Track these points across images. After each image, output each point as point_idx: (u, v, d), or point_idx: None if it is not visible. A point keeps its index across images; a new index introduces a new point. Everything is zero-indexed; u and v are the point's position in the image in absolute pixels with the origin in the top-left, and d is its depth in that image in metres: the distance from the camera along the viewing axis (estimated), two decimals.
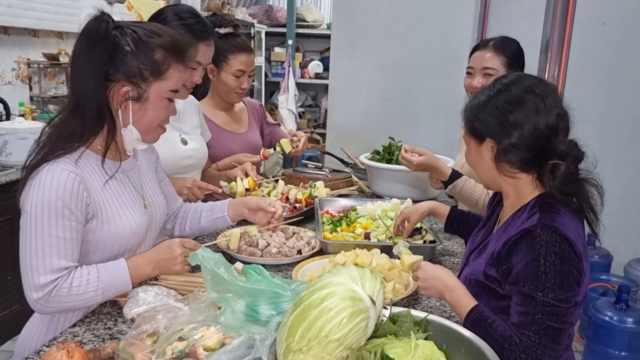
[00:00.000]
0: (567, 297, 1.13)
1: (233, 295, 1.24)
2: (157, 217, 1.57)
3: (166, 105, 1.41)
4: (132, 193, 1.47)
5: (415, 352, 0.97)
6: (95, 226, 1.35)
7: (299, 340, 0.93)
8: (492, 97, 1.28)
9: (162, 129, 1.46)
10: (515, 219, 1.27)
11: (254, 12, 6.53)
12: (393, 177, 2.59)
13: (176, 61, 1.38)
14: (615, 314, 2.92)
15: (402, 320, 1.12)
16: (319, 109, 6.88)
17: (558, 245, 1.13)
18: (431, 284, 1.32)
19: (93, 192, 1.34)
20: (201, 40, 1.87)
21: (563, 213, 1.20)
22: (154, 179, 1.63)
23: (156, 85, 1.36)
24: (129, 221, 1.41)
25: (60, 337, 1.30)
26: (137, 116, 1.36)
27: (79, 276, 1.30)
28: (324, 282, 0.98)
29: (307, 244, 1.91)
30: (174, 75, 1.38)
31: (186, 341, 1.15)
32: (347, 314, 0.94)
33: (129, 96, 1.34)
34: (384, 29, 3.68)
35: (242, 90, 2.39)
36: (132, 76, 1.33)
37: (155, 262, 1.43)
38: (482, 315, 1.21)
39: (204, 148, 2.11)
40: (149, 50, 1.34)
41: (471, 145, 1.34)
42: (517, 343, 1.13)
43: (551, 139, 1.21)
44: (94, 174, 1.36)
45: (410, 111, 3.73)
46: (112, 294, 1.37)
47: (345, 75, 3.82)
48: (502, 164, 1.27)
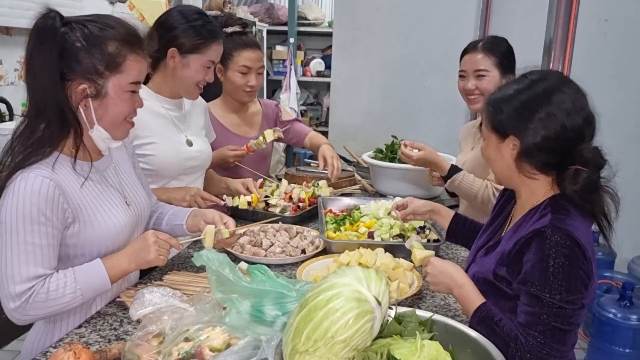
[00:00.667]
0: (573, 299, 1.13)
1: (238, 295, 1.25)
2: (142, 214, 1.55)
3: (129, 99, 1.36)
4: (111, 192, 1.44)
5: (421, 353, 0.97)
6: (78, 230, 1.33)
7: (305, 342, 0.94)
8: (519, 91, 1.24)
9: (129, 123, 1.42)
10: (527, 220, 1.26)
11: (255, 11, 6.51)
12: (396, 176, 2.60)
13: (132, 52, 1.34)
14: (619, 311, 2.92)
15: (408, 321, 1.12)
16: (320, 107, 6.87)
17: (568, 248, 1.12)
18: (440, 280, 1.31)
19: (70, 196, 1.31)
20: (214, 40, 1.87)
21: (574, 215, 1.19)
22: (133, 175, 1.59)
23: (114, 79, 1.32)
24: (112, 220, 1.39)
25: (67, 338, 1.30)
26: (100, 113, 1.33)
27: (55, 280, 1.28)
28: (329, 283, 0.99)
29: (311, 244, 1.91)
30: (132, 66, 1.34)
31: (192, 342, 1.16)
32: (353, 315, 0.94)
33: (87, 93, 1.30)
34: (385, 27, 3.67)
35: (250, 88, 2.35)
36: (87, 73, 1.29)
37: (129, 255, 1.39)
38: (489, 313, 1.21)
39: (209, 149, 2.11)
40: (101, 43, 1.29)
41: (491, 139, 1.30)
42: (523, 342, 1.13)
43: (577, 144, 1.19)
44: (70, 177, 1.33)
45: (412, 109, 3.72)
46: (92, 294, 1.35)
47: (347, 74, 3.82)
48: (524, 164, 1.24)
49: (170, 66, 1.87)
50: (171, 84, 1.92)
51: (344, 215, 2.18)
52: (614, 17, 3.35)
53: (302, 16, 6.47)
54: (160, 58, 1.88)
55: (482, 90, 2.02)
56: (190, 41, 1.84)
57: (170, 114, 1.95)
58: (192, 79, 1.88)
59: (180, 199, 1.87)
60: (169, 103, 1.95)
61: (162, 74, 1.92)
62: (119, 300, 1.46)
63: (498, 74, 2.01)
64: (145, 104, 1.88)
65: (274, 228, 2.03)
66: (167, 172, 1.90)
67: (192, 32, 1.84)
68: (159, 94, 1.93)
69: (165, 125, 1.93)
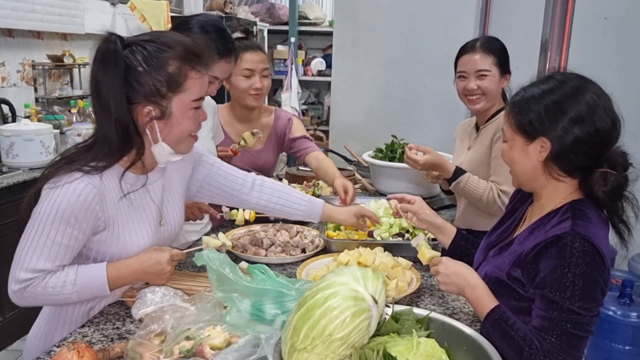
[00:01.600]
0: (592, 307, 1.13)
1: (238, 294, 1.27)
2: (170, 236, 1.55)
3: (192, 116, 1.37)
4: (149, 211, 1.45)
5: (417, 350, 0.99)
6: (105, 238, 1.36)
7: (304, 339, 0.95)
8: (547, 91, 1.22)
9: (193, 137, 1.42)
10: (545, 222, 1.25)
11: (256, 11, 6.54)
12: (396, 175, 2.61)
13: (193, 69, 1.34)
14: (619, 309, 2.93)
15: (405, 318, 1.14)
16: (322, 106, 6.90)
17: (590, 255, 1.12)
18: (452, 280, 1.30)
19: (108, 206, 1.33)
20: (222, 57, 1.85)
21: (595, 223, 1.18)
22: (181, 193, 1.59)
23: (177, 99, 1.32)
24: (138, 240, 1.41)
25: (70, 338, 1.32)
26: (165, 133, 1.34)
27: (56, 278, 1.30)
28: (327, 282, 1.00)
29: (311, 243, 1.93)
30: (194, 84, 1.34)
31: (193, 340, 1.18)
32: (350, 313, 0.96)
33: (152, 116, 1.31)
34: (385, 26, 3.68)
35: (255, 91, 2.29)
36: (151, 95, 1.30)
37: (139, 274, 1.40)
38: (503, 316, 1.20)
39: (213, 152, 2.10)
40: (162, 65, 1.30)
41: (516, 141, 1.27)
42: (538, 347, 1.12)
43: (608, 146, 1.19)
44: (114, 187, 1.35)
45: (412, 108, 3.73)
46: (89, 296, 1.37)
47: (347, 74, 3.83)
48: (553, 165, 1.23)
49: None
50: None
51: None
52: (614, 15, 3.36)
53: (303, 16, 6.50)
54: None
55: (484, 90, 2.03)
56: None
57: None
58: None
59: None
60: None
61: None
62: (122, 299, 1.48)
63: (498, 73, 2.02)
64: None
65: (275, 227, 2.05)
66: None
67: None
68: None
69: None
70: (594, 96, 1.20)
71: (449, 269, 1.32)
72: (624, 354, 2.94)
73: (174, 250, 1.47)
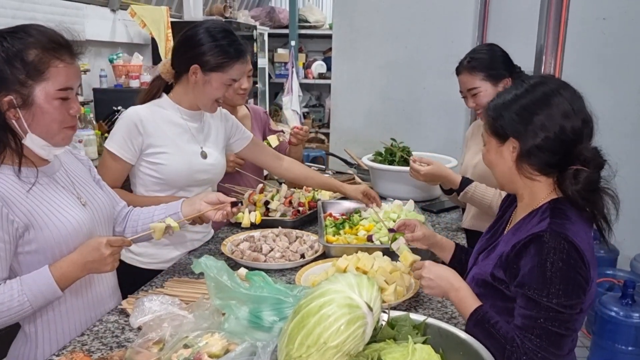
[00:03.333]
0: (571, 304, 1.14)
1: (236, 302, 1.27)
2: (101, 213, 1.53)
3: (59, 106, 1.34)
4: (63, 192, 1.43)
5: (412, 357, 0.99)
6: (34, 235, 1.33)
7: (299, 348, 0.96)
8: (518, 96, 1.27)
9: (69, 129, 1.39)
10: (526, 222, 1.28)
11: (256, 14, 6.55)
12: (395, 179, 2.61)
13: (56, 58, 1.31)
14: (621, 309, 2.92)
15: (401, 324, 1.14)
16: (323, 109, 6.91)
17: (566, 252, 1.14)
18: (437, 284, 1.32)
19: (16, 205, 1.31)
20: (238, 60, 1.87)
21: (574, 220, 1.20)
22: (89, 177, 1.58)
23: (39, 88, 1.30)
24: (67, 219, 1.38)
25: (69, 346, 1.33)
26: (34, 125, 1.32)
27: (2, 293, 1.27)
28: (322, 290, 1.01)
29: (311, 248, 1.93)
30: (58, 73, 1.31)
31: (191, 348, 1.18)
32: (345, 321, 0.96)
33: (14, 104, 1.29)
34: (384, 29, 3.69)
35: (243, 91, 2.40)
36: (10, 83, 1.28)
37: (82, 265, 1.36)
38: (486, 316, 1.22)
39: (222, 163, 2.08)
40: (21, 52, 1.28)
41: (491, 144, 1.32)
42: (519, 345, 1.14)
43: (576, 144, 1.21)
44: (14, 186, 1.32)
45: (412, 111, 3.74)
46: (42, 303, 1.33)
47: (347, 77, 3.84)
48: (524, 165, 1.27)
49: (191, 81, 1.87)
50: (191, 97, 1.92)
51: (344, 219, 2.20)
52: (612, 15, 3.36)
53: (303, 19, 6.50)
54: (183, 71, 1.89)
55: (482, 106, 2.04)
56: (215, 60, 1.84)
57: (188, 124, 1.95)
58: (212, 95, 1.89)
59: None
60: (187, 114, 1.95)
61: (183, 87, 1.92)
62: (121, 307, 1.49)
63: (490, 86, 2.03)
64: (164, 113, 1.90)
65: (274, 233, 2.05)
66: (176, 182, 1.91)
67: (218, 51, 1.83)
68: (179, 105, 1.94)
69: (181, 136, 1.93)
70: (563, 99, 1.23)
71: (432, 272, 1.33)
72: (627, 354, 2.94)
73: (111, 236, 1.44)
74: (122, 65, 4.21)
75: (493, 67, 2.04)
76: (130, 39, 4.60)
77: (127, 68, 4.21)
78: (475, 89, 2.05)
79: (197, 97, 1.91)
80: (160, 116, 1.90)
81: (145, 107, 1.90)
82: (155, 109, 1.90)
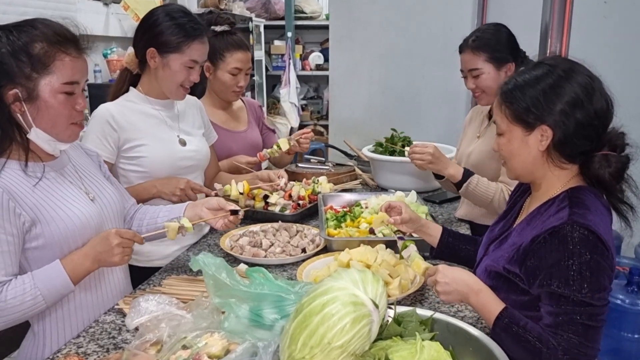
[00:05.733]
0: (602, 295, 1.10)
1: (236, 300, 1.23)
2: (110, 208, 1.52)
3: (65, 100, 1.32)
4: (70, 187, 1.41)
5: (420, 355, 0.95)
6: (41, 230, 1.31)
7: (302, 349, 0.92)
8: (540, 76, 1.19)
9: (76, 125, 1.38)
10: (542, 212, 1.22)
11: (252, 6, 6.47)
12: (396, 169, 2.57)
13: (61, 52, 1.30)
14: (627, 297, 2.88)
15: (408, 320, 1.10)
16: (321, 101, 6.84)
17: (592, 243, 1.10)
18: (454, 288, 1.22)
19: (23, 199, 1.30)
20: (195, 38, 1.83)
21: (593, 209, 1.16)
22: (98, 173, 1.57)
23: (44, 81, 1.29)
24: (74, 213, 1.37)
25: (64, 349, 1.29)
26: (39, 118, 1.31)
27: (13, 287, 1.26)
28: (325, 287, 0.96)
29: (312, 242, 1.89)
30: (63, 66, 1.30)
31: (190, 349, 1.14)
32: (350, 319, 0.92)
33: (19, 97, 1.28)
34: (381, 18, 3.63)
35: (239, 89, 2.37)
36: (15, 76, 1.27)
37: (92, 256, 1.35)
38: (514, 319, 1.14)
39: (205, 149, 2.07)
40: (26, 45, 1.27)
41: (515, 133, 1.23)
42: (556, 345, 1.08)
43: (606, 127, 1.17)
44: (21, 180, 1.31)
45: (412, 100, 3.69)
46: (55, 297, 1.32)
47: (345, 67, 3.78)
48: (556, 153, 1.20)
49: (152, 67, 1.84)
50: (156, 85, 1.89)
51: (345, 212, 2.16)
52: None
53: (299, 10, 6.43)
54: (144, 58, 1.85)
55: (482, 88, 2.00)
56: (170, 40, 1.80)
57: (161, 114, 1.92)
58: (174, 79, 1.84)
59: (170, 194, 1.82)
60: (159, 104, 1.92)
61: (148, 76, 1.89)
62: (118, 307, 1.45)
63: (492, 68, 1.97)
64: (135, 107, 1.87)
65: (274, 227, 2.01)
66: (160, 172, 1.87)
67: (172, 31, 1.80)
68: (148, 96, 1.90)
69: (157, 126, 1.90)
70: (587, 78, 1.18)
71: (447, 276, 1.23)
72: (633, 342, 2.90)
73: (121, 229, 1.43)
74: (116, 60, 4.15)
75: (498, 49, 1.97)
76: (124, 33, 4.53)
77: (122, 63, 4.14)
78: (477, 70, 1.98)
79: (161, 84, 1.88)
80: (132, 110, 1.87)
81: (114, 104, 1.87)
82: (125, 103, 1.88)
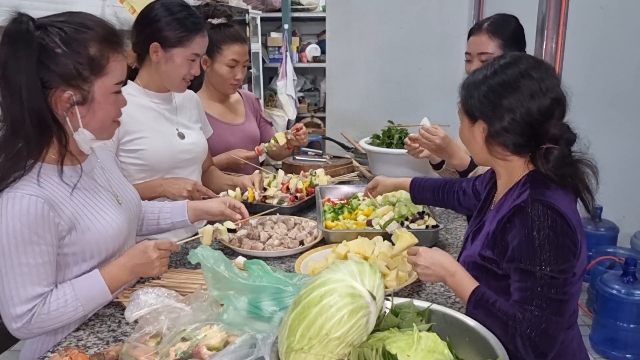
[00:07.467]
0: (564, 269, 1.14)
1: (235, 292, 1.24)
2: (134, 210, 1.53)
3: (114, 101, 1.33)
4: (102, 193, 1.41)
5: (417, 345, 0.96)
6: (76, 237, 1.31)
7: (300, 340, 0.93)
8: (487, 77, 1.27)
9: (116, 123, 1.38)
10: (508, 198, 1.28)
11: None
12: (394, 161, 2.57)
13: (114, 52, 1.29)
14: (622, 287, 2.92)
15: (405, 312, 1.11)
16: (318, 93, 6.82)
17: (550, 218, 1.14)
18: (432, 270, 1.31)
19: (62, 208, 1.28)
20: (197, 32, 1.84)
21: (554, 188, 1.21)
22: (118, 171, 1.57)
23: (99, 82, 1.27)
24: (108, 222, 1.37)
25: (65, 342, 1.30)
26: (87, 119, 1.28)
27: (56, 299, 1.27)
28: (322, 279, 0.97)
29: (309, 234, 1.90)
30: (116, 67, 1.30)
31: (189, 341, 1.15)
32: (347, 311, 0.93)
33: (73, 101, 1.25)
34: (378, 9, 3.62)
35: (236, 82, 2.37)
36: (71, 79, 1.23)
37: (130, 268, 1.38)
38: (484, 296, 1.21)
39: (203, 142, 2.08)
40: (83, 47, 1.23)
41: (464, 122, 1.33)
42: (521, 319, 1.13)
43: (544, 123, 1.21)
44: (58, 187, 1.29)
45: (409, 92, 3.69)
46: (93, 307, 1.35)
47: (342, 59, 3.78)
48: (494, 146, 1.27)
49: (154, 61, 1.84)
50: (157, 79, 1.89)
51: (342, 204, 2.17)
52: None
53: (296, 1, 6.40)
54: (144, 52, 1.85)
55: None
56: (174, 34, 1.80)
57: (160, 107, 1.93)
58: (177, 73, 1.85)
59: (176, 194, 1.83)
60: (158, 97, 1.92)
61: (147, 69, 1.89)
62: (117, 300, 1.46)
63: None
64: (134, 100, 1.85)
65: (272, 220, 2.02)
66: (160, 165, 1.88)
67: (175, 26, 1.80)
68: (147, 89, 1.90)
69: (156, 119, 1.90)
70: (531, 80, 1.22)
71: (426, 259, 1.32)
72: (629, 332, 2.94)
73: (159, 240, 1.44)
74: None
75: (514, 39, 1.97)
76: (120, 26, 4.49)
77: None
78: (487, 54, 1.96)
79: (163, 77, 1.88)
80: (131, 103, 1.85)
81: None
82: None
